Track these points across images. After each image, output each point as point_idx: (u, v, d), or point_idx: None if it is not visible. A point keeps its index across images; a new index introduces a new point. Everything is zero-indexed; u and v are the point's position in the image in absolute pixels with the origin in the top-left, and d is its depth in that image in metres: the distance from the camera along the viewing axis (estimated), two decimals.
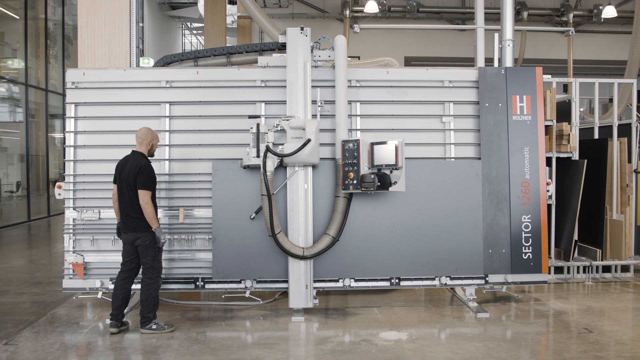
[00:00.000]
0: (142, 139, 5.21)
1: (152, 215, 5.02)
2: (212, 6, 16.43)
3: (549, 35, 17.98)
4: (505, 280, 5.93)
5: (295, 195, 5.62)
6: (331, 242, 5.59)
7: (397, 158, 5.29)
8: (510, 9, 7.11)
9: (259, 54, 6.35)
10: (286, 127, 5.55)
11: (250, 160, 5.44)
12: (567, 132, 6.96)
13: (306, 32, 5.77)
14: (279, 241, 5.45)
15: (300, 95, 5.69)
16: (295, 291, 5.63)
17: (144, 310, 5.11)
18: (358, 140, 5.40)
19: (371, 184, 5.28)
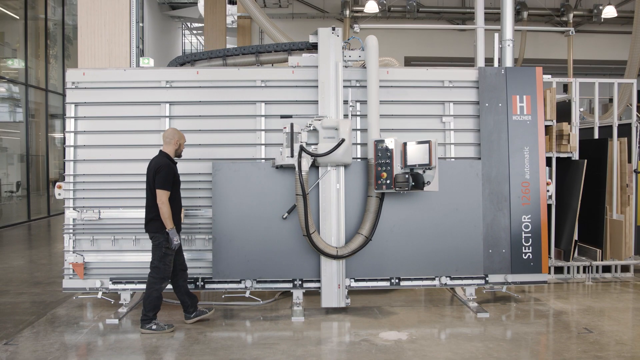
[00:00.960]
0: (169, 139, 5.26)
1: (167, 215, 5.01)
2: (212, 6, 16.43)
3: (549, 35, 17.98)
4: (505, 280, 5.93)
5: (328, 195, 5.64)
6: (364, 242, 5.60)
7: (431, 158, 5.28)
8: (510, 9, 7.11)
9: (288, 53, 6.35)
10: (318, 127, 5.56)
11: (284, 160, 5.45)
12: (567, 132, 6.96)
13: (337, 32, 5.80)
14: (313, 240, 5.45)
15: (332, 95, 5.71)
16: (328, 290, 5.65)
17: (144, 309, 5.14)
18: (391, 140, 5.42)
19: (405, 184, 5.29)
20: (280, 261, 5.75)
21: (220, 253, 5.73)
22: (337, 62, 5.75)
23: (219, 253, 5.73)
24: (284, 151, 5.46)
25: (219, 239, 5.72)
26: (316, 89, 5.85)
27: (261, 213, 5.74)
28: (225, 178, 5.75)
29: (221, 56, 6.44)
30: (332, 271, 5.65)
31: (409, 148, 5.41)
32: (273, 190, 5.76)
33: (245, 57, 6.46)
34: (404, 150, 5.44)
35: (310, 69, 5.93)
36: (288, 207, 5.72)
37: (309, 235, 5.42)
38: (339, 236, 5.67)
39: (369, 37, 5.83)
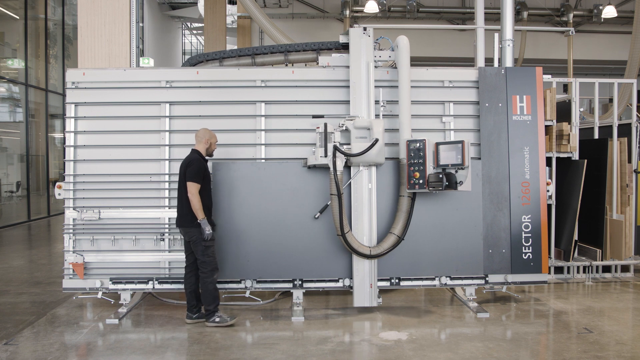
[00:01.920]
0: (200, 138, 5.40)
1: (198, 206, 5.13)
2: (212, 6, 16.44)
3: (549, 35, 17.98)
4: (505, 280, 5.93)
5: (360, 195, 5.65)
6: (396, 242, 5.60)
7: (464, 157, 5.30)
8: (510, 9, 7.11)
9: (316, 52, 6.35)
10: (350, 126, 5.56)
11: (318, 159, 5.46)
12: (567, 132, 6.96)
13: (369, 33, 5.80)
14: (348, 240, 5.46)
15: (363, 95, 5.72)
16: (360, 290, 5.66)
17: (204, 303, 5.27)
18: (424, 140, 5.43)
19: (439, 184, 5.32)
20: (281, 261, 5.75)
21: (221, 253, 5.72)
22: (368, 62, 5.77)
23: (219, 253, 5.72)
24: (317, 151, 5.47)
25: (219, 239, 5.72)
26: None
27: (261, 213, 5.74)
28: (225, 178, 5.75)
29: (250, 54, 6.43)
30: (364, 271, 5.66)
31: (442, 148, 5.43)
32: (273, 190, 5.76)
33: (274, 55, 6.46)
34: (436, 150, 5.45)
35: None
36: (287, 207, 5.72)
37: (343, 234, 5.44)
38: (371, 236, 5.68)
39: (400, 37, 5.84)
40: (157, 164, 5.87)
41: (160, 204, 5.84)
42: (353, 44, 5.79)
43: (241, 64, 6.39)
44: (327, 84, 5.98)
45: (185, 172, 5.22)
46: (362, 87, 5.73)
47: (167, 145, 5.87)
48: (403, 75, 5.72)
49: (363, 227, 5.65)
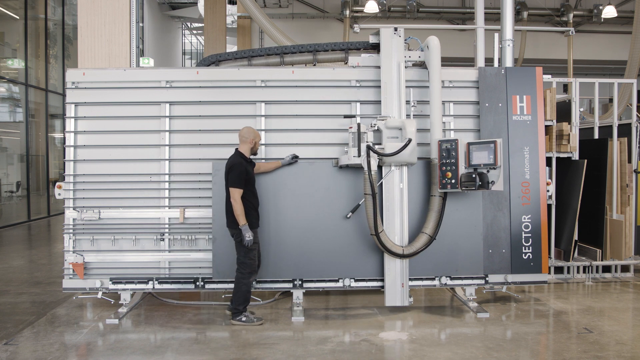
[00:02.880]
0: (244, 137, 5.38)
1: (239, 212, 5.16)
2: (212, 6, 16.44)
3: (549, 35, 17.98)
4: (505, 280, 5.93)
5: (391, 195, 5.66)
6: (428, 241, 5.61)
7: (496, 157, 5.31)
8: (510, 9, 7.11)
9: (345, 52, 6.35)
10: (382, 126, 5.56)
11: (351, 159, 5.45)
12: (567, 132, 6.96)
13: (399, 33, 5.81)
14: (382, 240, 5.46)
15: (394, 96, 5.73)
16: (391, 289, 5.67)
17: (234, 302, 5.31)
18: (456, 140, 5.45)
19: (472, 184, 5.34)
20: (280, 261, 5.75)
21: (220, 253, 5.72)
22: (399, 63, 5.78)
23: (219, 253, 5.73)
24: (350, 151, 5.46)
25: (219, 239, 5.72)
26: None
27: (261, 212, 5.73)
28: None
29: (279, 53, 6.42)
30: (395, 270, 5.67)
31: (473, 148, 5.44)
32: (273, 191, 5.76)
33: (303, 55, 6.46)
34: (468, 150, 5.47)
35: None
36: (287, 208, 5.72)
37: (377, 234, 5.44)
38: (403, 235, 5.68)
39: (431, 37, 5.85)
40: (157, 164, 5.87)
41: (160, 204, 5.84)
42: (384, 44, 5.80)
43: (270, 63, 6.40)
44: (331, 84, 5.98)
45: (227, 176, 5.23)
46: (394, 87, 5.75)
47: (167, 145, 5.87)
48: (434, 75, 5.74)
49: (394, 226, 5.66)
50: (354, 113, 5.96)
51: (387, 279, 5.69)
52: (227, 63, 6.37)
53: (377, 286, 5.82)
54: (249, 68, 6.14)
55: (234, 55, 6.43)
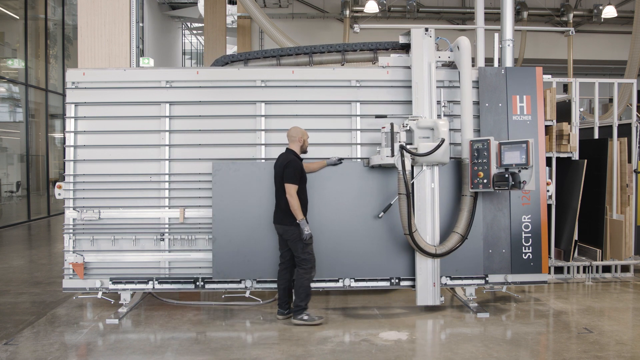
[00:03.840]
0: (293, 137, 5.46)
1: (297, 207, 5.20)
2: (212, 6, 16.45)
3: (549, 35, 17.99)
4: (505, 280, 5.93)
5: (423, 194, 5.67)
6: (460, 240, 5.62)
7: (529, 157, 5.32)
8: (510, 9, 7.11)
9: (373, 52, 6.38)
10: (414, 126, 5.58)
11: (384, 159, 5.47)
12: (567, 132, 6.96)
13: (430, 33, 5.83)
14: (415, 239, 5.47)
15: (425, 96, 5.76)
16: (423, 289, 5.68)
17: (296, 299, 5.32)
18: (488, 139, 5.47)
19: (505, 183, 5.35)
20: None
21: (220, 253, 5.72)
22: (430, 63, 5.80)
23: (219, 253, 5.73)
24: (384, 151, 5.48)
25: (219, 239, 5.72)
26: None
27: (263, 212, 5.74)
28: (226, 178, 5.75)
29: (307, 53, 6.45)
30: (427, 269, 5.68)
31: (505, 148, 5.46)
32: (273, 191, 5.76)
33: (332, 54, 6.49)
34: (499, 150, 5.48)
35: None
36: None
37: (410, 234, 5.45)
38: (434, 235, 5.70)
39: (461, 38, 5.86)
40: (157, 164, 5.87)
41: (160, 204, 5.84)
42: (415, 44, 5.82)
43: (299, 63, 6.43)
44: (331, 84, 5.98)
45: (283, 172, 5.26)
46: (425, 87, 5.77)
47: (167, 145, 5.87)
48: (465, 76, 5.75)
49: (426, 226, 5.68)
50: (354, 113, 5.96)
51: (419, 278, 5.70)
52: (255, 62, 6.44)
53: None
54: (249, 68, 6.14)
55: (263, 54, 6.48)
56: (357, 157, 5.91)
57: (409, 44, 5.94)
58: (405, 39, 6.02)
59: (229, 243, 5.73)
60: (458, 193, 5.83)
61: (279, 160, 5.39)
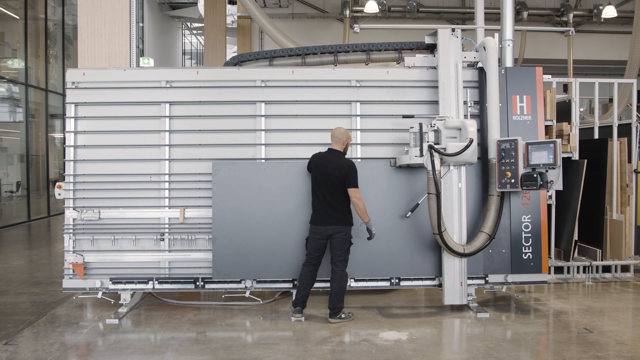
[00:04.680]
0: (338, 138, 5.45)
1: (365, 210, 5.30)
2: (212, 6, 16.45)
3: (549, 35, 17.99)
4: (505, 280, 5.93)
5: (450, 194, 5.70)
6: (487, 240, 5.64)
7: (556, 157, 5.35)
8: (510, 9, 7.10)
9: (398, 52, 6.41)
10: (441, 126, 5.59)
11: (412, 159, 5.49)
12: (567, 132, 6.96)
13: (457, 34, 5.86)
14: (444, 239, 5.49)
15: (452, 96, 5.78)
16: (450, 288, 5.70)
17: (336, 301, 5.35)
18: (516, 139, 5.50)
19: (533, 183, 5.38)
20: (281, 261, 5.74)
21: (220, 253, 5.72)
22: (456, 63, 5.83)
23: (219, 253, 5.73)
24: (412, 150, 5.50)
25: (219, 239, 5.72)
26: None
27: (263, 212, 5.74)
28: (226, 178, 5.75)
29: (332, 52, 6.48)
30: (454, 269, 5.69)
31: (532, 148, 5.48)
32: (273, 191, 5.76)
33: (356, 54, 6.52)
34: (526, 150, 5.51)
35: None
36: (286, 207, 5.72)
37: (440, 233, 5.47)
38: (461, 234, 5.72)
39: (488, 38, 5.89)
40: (157, 164, 5.87)
41: (160, 204, 5.84)
42: (442, 44, 5.85)
43: (324, 62, 6.46)
44: (330, 84, 5.99)
45: (344, 175, 5.23)
46: (451, 88, 5.79)
47: (167, 145, 5.87)
48: (491, 76, 5.77)
49: (453, 225, 5.70)
50: (354, 113, 5.96)
51: (447, 277, 5.71)
52: (280, 60, 6.48)
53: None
54: (249, 68, 6.14)
55: (288, 52, 6.51)
56: (357, 157, 5.91)
57: (434, 44, 6.00)
58: (431, 39, 6.06)
59: (229, 243, 5.73)
60: (482, 192, 5.86)
61: (332, 162, 5.34)
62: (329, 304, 5.39)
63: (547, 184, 5.41)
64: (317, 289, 5.78)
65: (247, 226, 5.73)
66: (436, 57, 5.95)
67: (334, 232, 5.33)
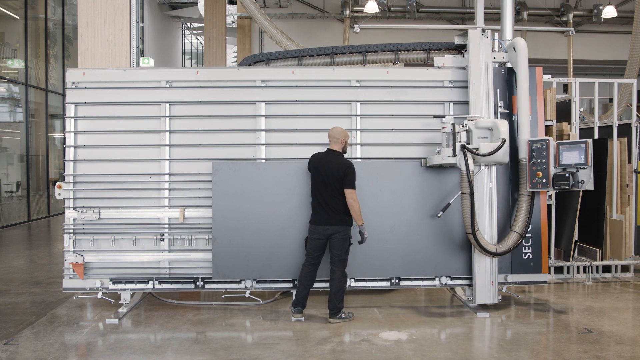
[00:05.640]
0: (336, 138, 5.43)
1: (359, 212, 5.29)
2: (212, 6, 16.44)
3: (549, 35, 17.99)
4: (505, 280, 5.93)
5: (481, 194, 5.71)
6: (518, 239, 5.65)
7: (588, 157, 5.39)
8: (510, 9, 7.09)
9: (426, 52, 6.46)
10: (472, 127, 5.60)
11: (445, 159, 5.50)
12: (567, 132, 6.96)
13: (487, 34, 5.90)
14: (477, 238, 5.50)
15: (483, 96, 5.80)
16: (482, 287, 5.72)
17: (335, 301, 5.35)
18: (547, 139, 5.53)
19: (566, 183, 5.43)
20: (281, 261, 5.75)
21: (220, 253, 5.72)
22: (487, 64, 5.86)
23: (219, 253, 5.73)
24: (444, 150, 5.51)
25: (219, 239, 5.72)
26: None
27: (263, 212, 5.73)
28: (226, 178, 5.75)
29: (361, 52, 6.52)
30: (486, 268, 5.71)
31: (563, 148, 5.52)
32: (273, 191, 5.76)
33: (385, 54, 6.57)
34: (557, 150, 5.53)
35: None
36: (285, 207, 5.72)
37: (473, 233, 5.48)
38: (492, 234, 5.74)
39: (518, 39, 5.92)
40: (157, 164, 5.87)
41: (160, 204, 5.84)
42: (472, 45, 5.87)
43: (353, 62, 6.49)
44: (330, 84, 5.99)
45: (341, 176, 5.23)
46: (482, 88, 5.81)
47: (167, 145, 5.87)
48: (522, 77, 5.78)
49: (484, 225, 5.71)
50: (354, 113, 5.96)
51: (478, 277, 5.73)
52: (309, 59, 6.54)
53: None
54: (248, 68, 6.14)
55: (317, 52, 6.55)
56: (357, 157, 5.91)
57: (463, 44, 6.05)
58: (461, 39, 6.09)
59: (229, 243, 5.73)
60: (509, 192, 5.87)
61: (331, 162, 5.33)
62: (329, 304, 5.39)
63: (579, 184, 5.45)
64: (317, 289, 5.79)
65: (247, 226, 5.73)
66: (465, 58, 5.98)
67: (334, 232, 5.32)
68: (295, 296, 5.48)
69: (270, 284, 5.81)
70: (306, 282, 5.43)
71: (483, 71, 5.86)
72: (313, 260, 5.43)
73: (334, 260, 5.36)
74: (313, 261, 5.44)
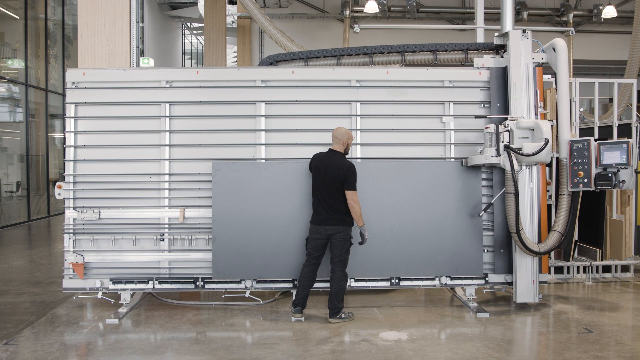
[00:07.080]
0: (338, 138, 5.42)
1: (360, 213, 5.28)
2: (212, 6, 16.43)
3: (549, 35, 17.91)
4: (505, 281, 5.93)
5: (522, 193, 5.72)
6: (559, 238, 5.70)
7: (629, 157, 5.42)
8: (510, 8, 7.11)
9: (464, 53, 6.53)
10: (513, 127, 5.63)
11: (488, 159, 5.53)
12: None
13: (527, 35, 5.91)
14: (521, 237, 5.53)
15: (524, 97, 5.82)
16: (523, 286, 5.74)
17: (335, 301, 5.34)
18: (589, 140, 5.58)
19: (608, 183, 5.47)
20: (281, 261, 5.74)
21: (220, 253, 5.73)
22: (527, 64, 5.87)
23: (219, 253, 5.73)
24: (487, 150, 5.55)
25: (219, 239, 5.72)
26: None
27: (263, 212, 5.73)
28: (226, 178, 5.75)
29: (400, 52, 6.57)
30: (527, 267, 5.73)
31: (604, 148, 5.55)
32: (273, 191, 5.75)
33: (424, 54, 6.62)
34: (598, 150, 5.56)
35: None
36: (285, 207, 5.72)
37: (517, 232, 5.50)
38: (533, 233, 5.76)
39: (557, 39, 5.95)
40: (157, 164, 5.87)
41: (160, 204, 5.84)
42: (513, 46, 5.89)
43: (391, 61, 6.55)
44: (330, 84, 5.97)
45: (342, 177, 5.23)
46: (522, 88, 5.83)
47: (167, 145, 5.87)
48: (562, 77, 5.83)
49: (525, 224, 5.74)
50: (354, 113, 5.97)
51: (519, 275, 5.75)
52: (347, 59, 6.58)
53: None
54: (248, 68, 6.14)
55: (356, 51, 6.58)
56: (357, 157, 5.91)
57: (502, 45, 6.10)
58: (501, 40, 6.13)
59: (229, 243, 5.73)
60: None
61: (332, 162, 5.33)
62: (329, 304, 5.39)
63: (620, 184, 5.49)
64: (317, 289, 5.79)
65: (247, 226, 5.73)
66: (505, 58, 6.02)
67: (334, 232, 5.32)
68: (296, 296, 5.48)
69: (270, 284, 5.82)
70: (306, 282, 5.43)
71: (523, 72, 5.87)
72: (313, 260, 5.43)
73: (335, 260, 5.36)
74: (313, 261, 5.43)
